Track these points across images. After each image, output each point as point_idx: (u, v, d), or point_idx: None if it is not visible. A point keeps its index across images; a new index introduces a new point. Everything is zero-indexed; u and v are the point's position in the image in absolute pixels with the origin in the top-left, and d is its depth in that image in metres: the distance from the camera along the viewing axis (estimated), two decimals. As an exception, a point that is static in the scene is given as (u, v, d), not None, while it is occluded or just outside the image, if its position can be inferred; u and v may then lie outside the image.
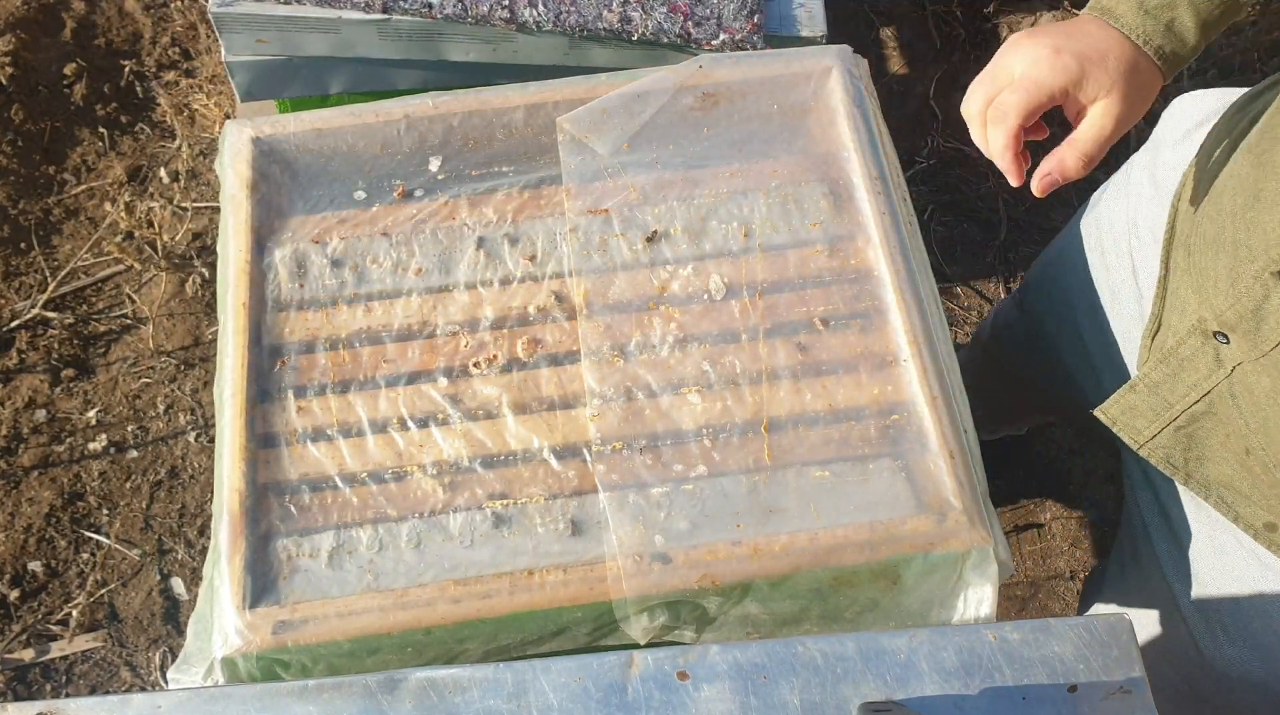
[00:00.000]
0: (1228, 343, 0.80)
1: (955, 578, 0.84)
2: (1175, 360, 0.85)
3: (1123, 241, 1.03)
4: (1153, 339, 0.91)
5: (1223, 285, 0.79)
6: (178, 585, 1.67)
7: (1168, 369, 0.86)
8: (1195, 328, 0.83)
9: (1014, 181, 0.84)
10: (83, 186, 1.96)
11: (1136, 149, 1.08)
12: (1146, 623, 1.05)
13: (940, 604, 0.85)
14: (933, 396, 0.89)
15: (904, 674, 0.74)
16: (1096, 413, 0.92)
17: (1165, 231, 0.92)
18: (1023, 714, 0.73)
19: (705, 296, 0.96)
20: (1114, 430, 0.91)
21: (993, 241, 1.93)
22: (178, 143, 2.00)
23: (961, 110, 0.86)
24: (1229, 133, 0.88)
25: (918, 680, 0.74)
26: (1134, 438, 0.90)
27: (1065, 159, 0.82)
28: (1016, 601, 1.70)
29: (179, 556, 1.69)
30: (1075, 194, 1.96)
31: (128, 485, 1.73)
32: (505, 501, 0.87)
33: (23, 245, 1.90)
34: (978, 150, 0.86)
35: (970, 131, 0.86)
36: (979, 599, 0.84)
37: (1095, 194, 1.14)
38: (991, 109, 0.83)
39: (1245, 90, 0.92)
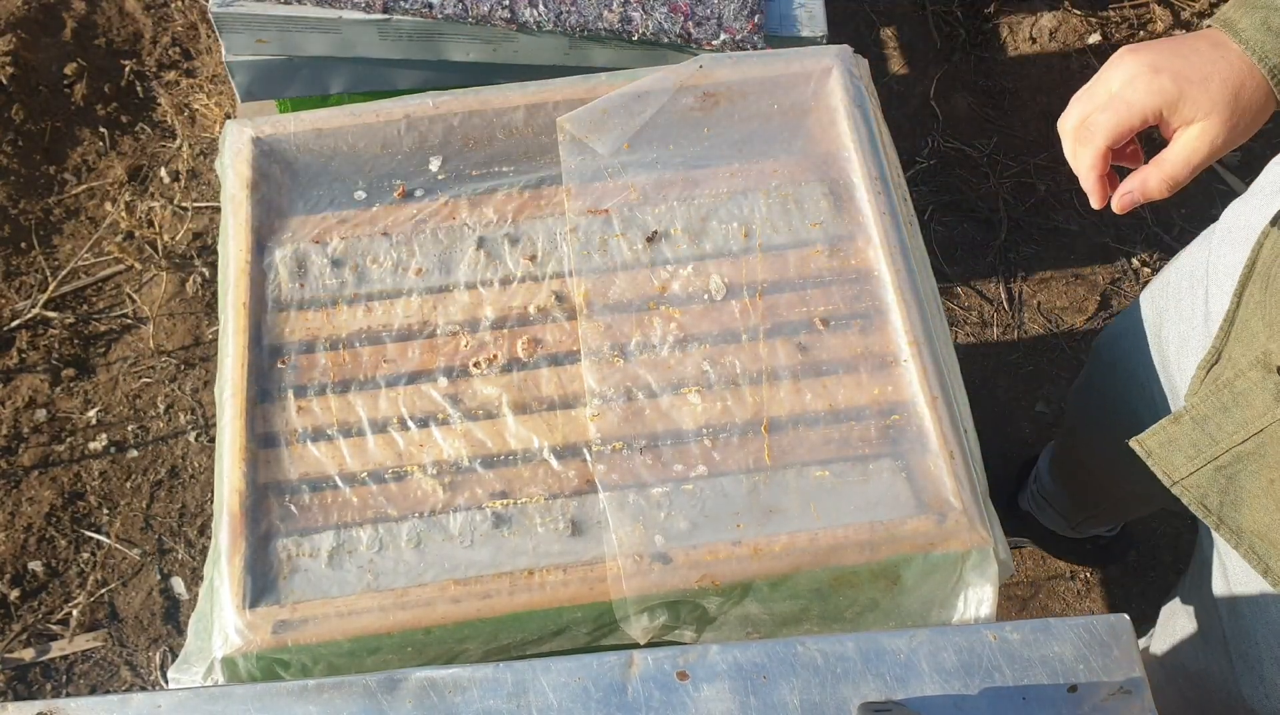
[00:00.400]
0: None
1: (955, 578, 0.84)
2: (1229, 394, 0.82)
3: (1199, 287, 1.00)
4: (1208, 371, 0.87)
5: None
6: (178, 585, 1.67)
7: (1219, 402, 0.82)
8: (1258, 361, 0.80)
9: (1095, 203, 0.82)
10: (83, 186, 1.96)
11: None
12: (1201, 651, 1.03)
13: (940, 604, 0.85)
14: (933, 397, 0.89)
15: (904, 674, 0.74)
16: (1132, 443, 0.88)
17: (1245, 266, 0.88)
18: (1023, 714, 0.73)
19: (705, 296, 0.96)
20: (1148, 463, 0.87)
21: (993, 242, 1.93)
22: (178, 142, 2.00)
23: (1057, 125, 0.84)
24: None
25: (918, 680, 0.74)
26: (1169, 473, 0.86)
27: (1148, 179, 0.79)
28: (1017, 602, 1.70)
29: (179, 556, 1.69)
30: (1077, 198, 1.96)
31: (128, 485, 1.73)
32: (505, 501, 0.87)
33: (23, 245, 1.90)
34: (978, 150, 0.85)
35: (1064, 148, 0.83)
36: (979, 599, 0.84)
37: (1163, 270, 1.12)
38: (1081, 128, 0.80)
39: None
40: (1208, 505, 0.85)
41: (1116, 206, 0.81)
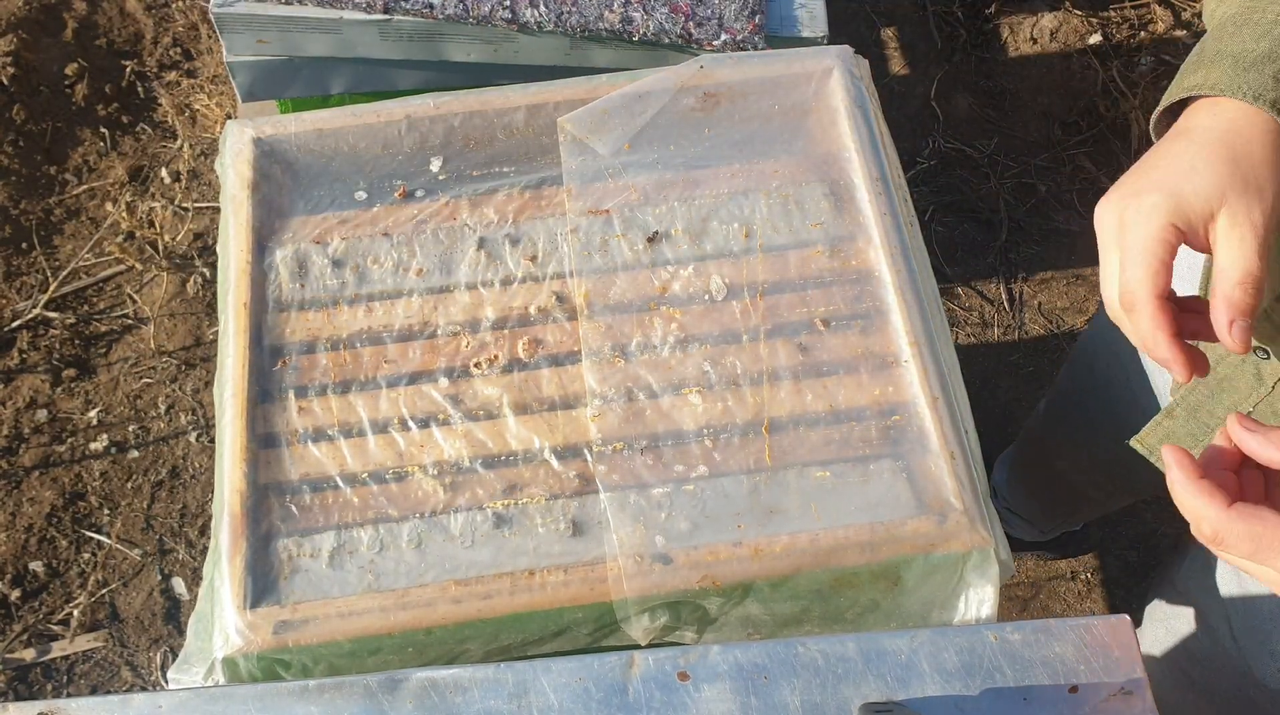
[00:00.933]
0: (1268, 357, 0.76)
1: (956, 579, 0.84)
2: (1214, 379, 0.80)
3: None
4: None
5: (1265, 298, 0.69)
6: (179, 585, 1.67)
7: (1206, 390, 0.81)
8: None
9: (1182, 376, 0.66)
10: (84, 186, 1.96)
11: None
12: (1204, 635, 1.02)
13: (941, 605, 0.85)
14: (933, 397, 0.89)
15: (905, 674, 0.74)
16: (1132, 443, 0.87)
17: (1206, 258, 0.82)
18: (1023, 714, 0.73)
19: (706, 297, 0.96)
20: (1151, 459, 0.86)
21: (993, 242, 1.93)
22: (179, 143, 2.01)
23: (1110, 316, 0.70)
24: None
25: (919, 681, 0.74)
26: None
27: (1227, 293, 0.64)
28: (1017, 602, 1.70)
29: (180, 556, 1.69)
30: (1078, 199, 1.96)
31: (129, 485, 1.73)
32: (506, 502, 0.87)
33: (24, 245, 1.90)
34: (979, 151, 0.83)
35: (1127, 335, 0.69)
36: (980, 600, 0.84)
37: None
38: (1122, 299, 0.66)
39: None
40: None
41: (1235, 345, 0.65)
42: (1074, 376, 1.28)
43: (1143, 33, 2.13)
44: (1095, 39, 2.11)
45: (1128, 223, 0.67)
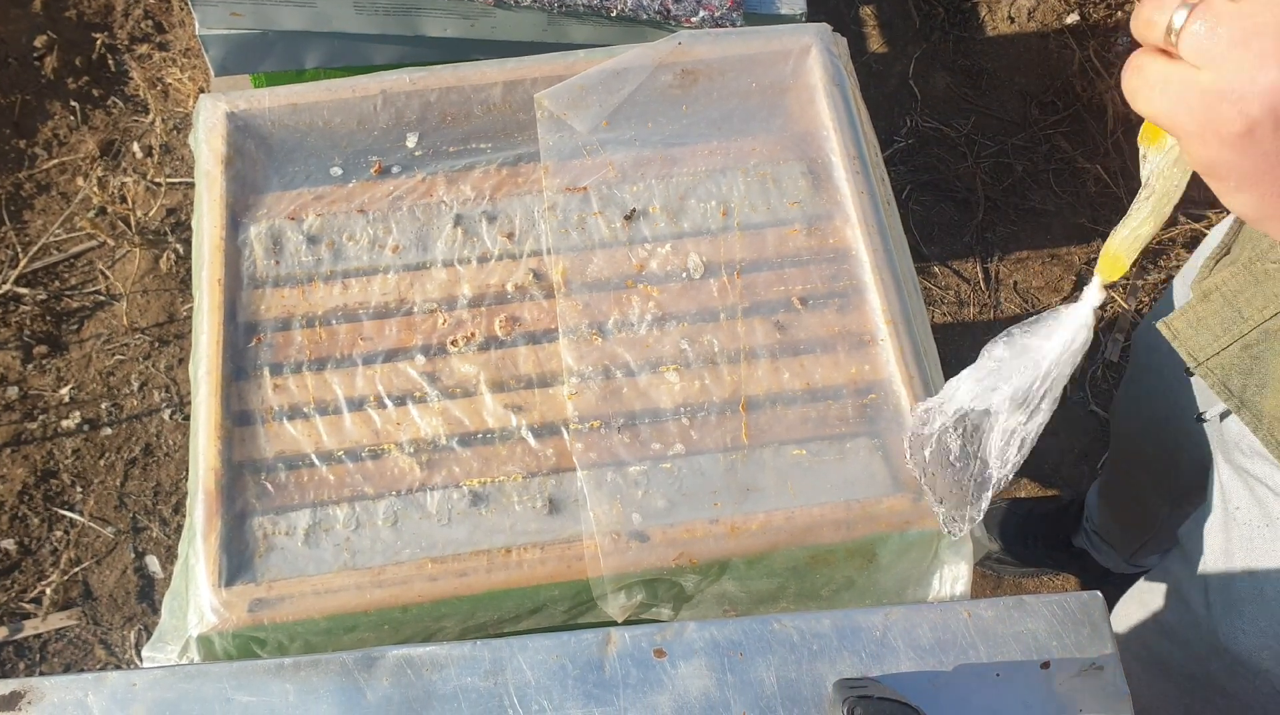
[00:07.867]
0: None
1: (930, 556, 0.85)
2: (1259, 268, 0.80)
3: None
4: (1216, 262, 0.86)
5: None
6: (153, 563, 1.66)
7: (1249, 277, 0.81)
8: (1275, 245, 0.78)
9: None
10: (54, 161, 1.94)
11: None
12: (1174, 603, 1.03)
13: (916, 582, 0.86)
14: (909, 376, 0.90)
15: (879, 651, 0.75)
16: (1159, 326, 0.86)
17: None
18: (996, 690, 0.74)
19: (683, 275, 0.96)
20: (1174, 344, 0.85)
21: (970, 221, 1.94)
22: (151, 117, 1.98)
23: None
24: None
25: (893, 657, 0.75)
26: (1194, 354, 0.84)
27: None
28: (991, 579, 1.71)
29: (154, 534, 1.68)
30: (1054, 178, 1.96)
31: (101, 463, 1.72)
32: (483, 480, 0.87)
33: (-7, 220, 1.88)
34: (956, 130, 0.82)
35: None
36: (954, 577, 0.85)
37: (1196, 250, 1.09)
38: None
39: None
40: (1230, 387, 0.83)
41: None
42: (1134, 376, 1.25)
43: (1119, 13, 2.13)
44: (1072, 19, 2.12)
45: None
